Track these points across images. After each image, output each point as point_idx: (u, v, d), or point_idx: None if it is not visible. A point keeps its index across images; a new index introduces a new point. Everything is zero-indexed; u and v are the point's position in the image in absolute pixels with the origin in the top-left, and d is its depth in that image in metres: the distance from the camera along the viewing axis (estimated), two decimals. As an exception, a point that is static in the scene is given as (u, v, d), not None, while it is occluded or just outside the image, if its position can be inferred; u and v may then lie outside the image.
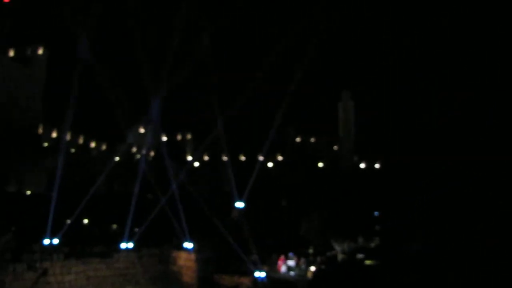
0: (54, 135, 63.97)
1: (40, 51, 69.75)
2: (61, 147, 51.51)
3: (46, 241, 32.45)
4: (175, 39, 43.95)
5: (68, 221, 38.26)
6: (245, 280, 32.46)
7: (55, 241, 32.98)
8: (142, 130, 77.55)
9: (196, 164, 72.18)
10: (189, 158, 75.95)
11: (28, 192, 52.02)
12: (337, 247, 35.80)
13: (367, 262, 33.93)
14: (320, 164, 75.33)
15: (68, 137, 64.91)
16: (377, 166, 77.21)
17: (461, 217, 33.35)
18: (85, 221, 41.09)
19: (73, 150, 63.85)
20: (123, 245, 36.10)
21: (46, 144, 62.87)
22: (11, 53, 67.05)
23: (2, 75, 62.81)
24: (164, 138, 77.43)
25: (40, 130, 64.01)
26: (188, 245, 36.91)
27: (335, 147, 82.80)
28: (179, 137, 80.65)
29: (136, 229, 39.40)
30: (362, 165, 79.96)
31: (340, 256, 35.41)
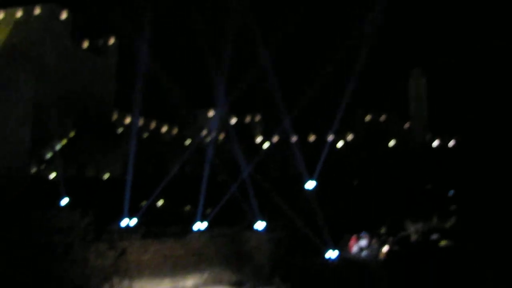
0: (127, 121, 66.17)
1: (112, 41, 72.27)
2: (134, 132, 53.26)
3: (124, 223, 33.58)
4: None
5: (144, 203, 39.59)
6: (317, 261, 32.33)
7: (132, 222, 34.08)
8: (211, 113, 78.92)
9: (266, 145, 72.52)
10: (258, 139, 76.43)
11: (105, 177, 54.20)
12: (411, 227, 34.83)
13: (442, 243, 32.84)
14: (391, 143, 73.55)
15: (140, 122, 67.19)
16: (451, 144, 74.29)
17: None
18: (160, 203, 42.30)
19: (145, 135, 65.85)
20: (196, 226, 36.85)
21: (120, 130, 65.26)
22: (85, 44, 69.88)
23: (77, 66, 65.60)
24: (233, 121, 78.41)
25: (114, 117, 66.43)
26: (260, 226, 37.21)
27: (407, 125, 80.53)
28: (248, 119, 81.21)
29: (208, 211, 40.18)
30: (435, 143, 77.34)
31: (413, 237, 34.45)
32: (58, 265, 28.52)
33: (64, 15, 65.63)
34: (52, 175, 48.06)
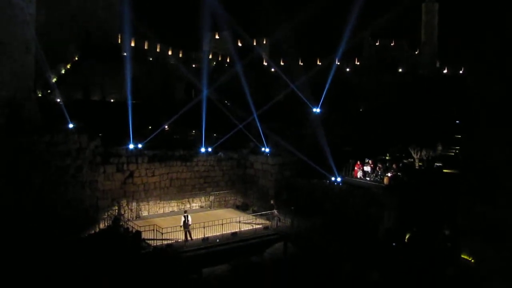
0: (132, 44, 64.68)
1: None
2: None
3: (131, 146, 33.73)
4: None
5: (150, 127, 39.62)
6: (322, 183, 32.69)
7: (139, 145, 34.22)
8: (217, 37, 77.46)
9: (273, 69, 71.61)
10: (265, 63, 75.43)
11: (112, 100, 53.83)
12: (415, 155, 34.96)
13: (445, 170, 33.08)
14: (400, 69, 72.60)
15: (145, 46, 65.95)
16: (461, 72, 73.14)
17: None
18: (166, 127, 42.22)
19: (151, 59, 64.78)
20: (202, 149, 37.08)
21: (125, 54, 63.94)
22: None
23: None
24: (240, 44, 76.95)
25: (119, 40, 64.99)
26: (265, 149, 37.51)
27: (416, 52, 79.04)
28: (255, 43, 79.53)
29: (215, 135, 40.27)
30: (445, 71, 76.23)
31: (417, 164, 34.66)
32: (69, 188, 29.12)
33: None
34: (58, 99, 47.82)
